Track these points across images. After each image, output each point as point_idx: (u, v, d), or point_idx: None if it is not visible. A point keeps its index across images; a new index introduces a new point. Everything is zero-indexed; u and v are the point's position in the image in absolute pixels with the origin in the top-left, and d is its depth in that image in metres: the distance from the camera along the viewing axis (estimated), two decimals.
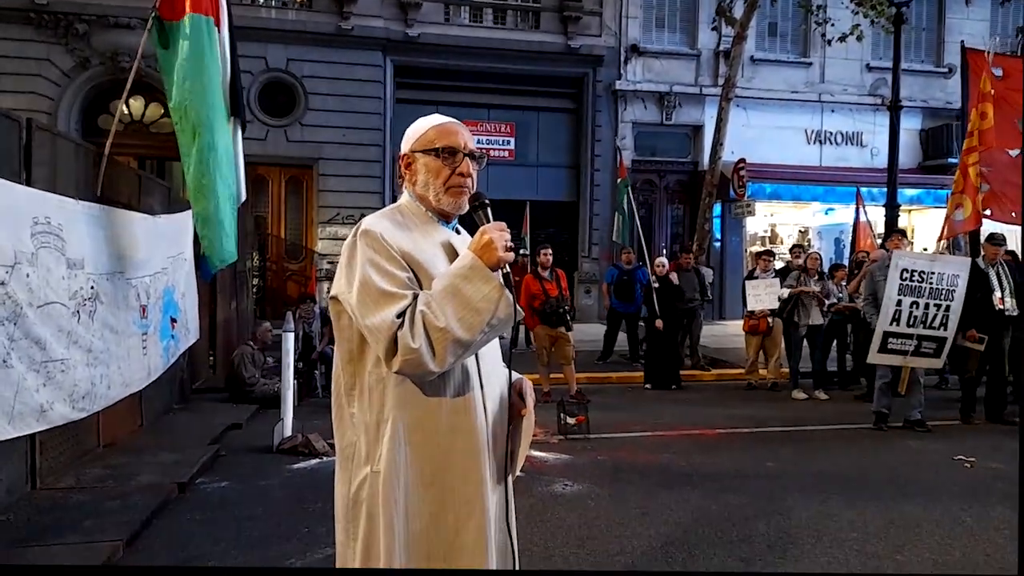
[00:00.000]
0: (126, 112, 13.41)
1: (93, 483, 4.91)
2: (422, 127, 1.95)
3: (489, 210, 1.89)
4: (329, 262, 13.52)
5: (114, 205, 5.47)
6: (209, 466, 5.51)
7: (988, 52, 8.41)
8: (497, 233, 1.77)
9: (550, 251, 8.55)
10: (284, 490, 5.06)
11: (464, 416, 1.85)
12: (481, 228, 1.82)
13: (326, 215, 14.16)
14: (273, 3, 14.54)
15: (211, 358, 8.79)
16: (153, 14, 5.47)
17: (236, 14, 12.81)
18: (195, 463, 5.37)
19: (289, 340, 6.17)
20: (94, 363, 4.99)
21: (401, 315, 1.68)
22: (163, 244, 6.45)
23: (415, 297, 1.72)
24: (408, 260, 1.78)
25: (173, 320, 6.68)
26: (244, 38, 12.99)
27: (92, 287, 5.02)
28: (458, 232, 2.02)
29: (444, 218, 1.96)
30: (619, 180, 13.63)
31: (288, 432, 5.96)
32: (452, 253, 1.89)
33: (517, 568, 2.00)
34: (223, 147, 5.59)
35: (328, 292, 2.08)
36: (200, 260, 6.28)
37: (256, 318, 10.95)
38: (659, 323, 9.35)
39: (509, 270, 1.78)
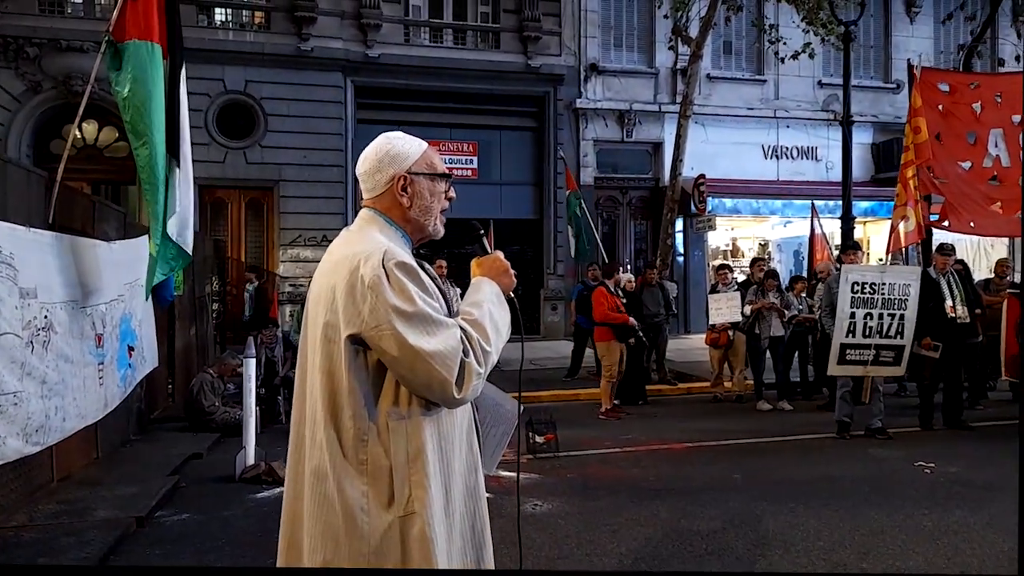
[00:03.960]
0: (79, 136, 13.12)
1: (47, 520, 4.74)
2: (415, 148, 1.92)
3: (485, 239, 2.04)
4: (291, 285, 13.35)
5: (67, 232, 5.33)
6: (169, 498, 5.36)
7: (917, 68, 8.72)
8: (506, 261, 1.95)
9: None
10: (247, 520, 4.94)
11: (470, 435, 1.90)
12: (495, 255, 1.96)
13: (288, 237, 14.01)
14: (231, 24, 14.44)
15: (170, 386, 8.58)
16: (106, 37, 5.38)
17: (193, 36, 12.83)
18: (154, 495, 5.22)
19: (251, 366, 6.06)
20: (49, 395, 4.83)
21: (461, 342, 1.73)
22: (119, 271, 6.30)
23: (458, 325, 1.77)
24: None
25: (130, 348, 6.51)
26: (202, 60, 12.94)
27: (46, 316, 4.87)
28: None
29: (416, 243, 1.95)
30: (568, 193, 13.54)
31: (250, 460, 5.84)
32: (431, 279, 1.88)
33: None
34: (162, 178, 5.49)
35: (290, 316, 2.03)
36: (158, 286, 6.14)
37: (216, 343, 10.74)
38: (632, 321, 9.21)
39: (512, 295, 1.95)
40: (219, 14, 14.43)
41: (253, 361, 6.14)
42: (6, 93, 12.73)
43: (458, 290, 2.13)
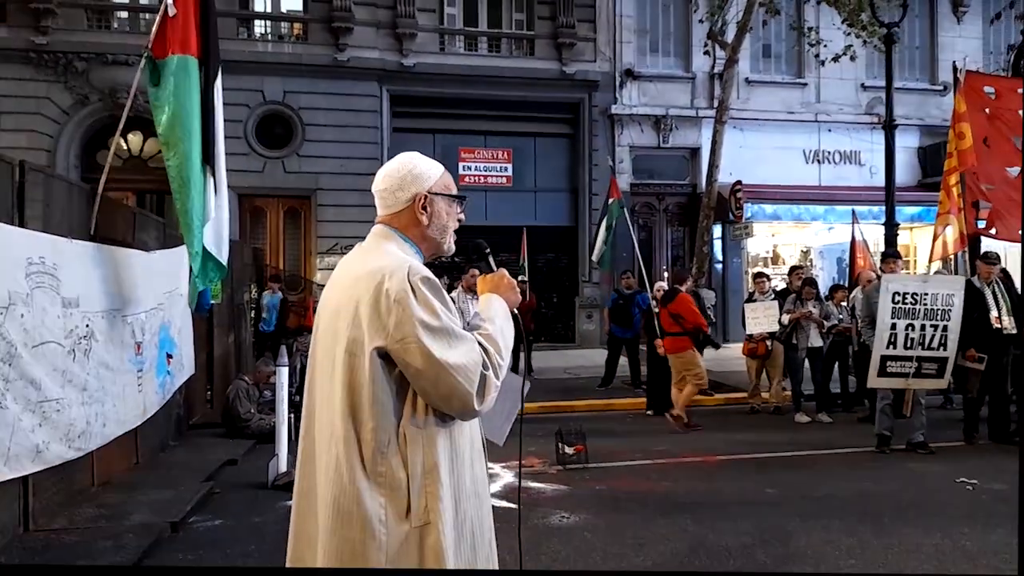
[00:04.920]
0: (125, 148, 13.54)
1: (86, 523, 4.87)
2: (434, 169, 1.99)
3: (491, 257, 2.12)
4: None
5: (109, 243, 5.49)
6: (203, 504, 5.47)
7: (960, 72, 8.48)
8: (512, 278, 2.04)
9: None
10: (278, 527, 5.00)
11: (478, 446, 1.95)
12: (500, 273, 2.05)
13: (325, 245, 14.23)
14: (269, 36, 14.76)
15: (208, 393, 8.75)
16: (146, 53, 5.54)
17: (233, 48, 13.12)
18: (189, 501, 5.33)
19: (283, 374, 6.16)
20: (89, 401, 4.99)
21: (481, 356, 1.79)
22: (158, 280, 6.47)
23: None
24: None
25: (169, 356, 6.67)
26: (241, 71, 13.24)
27: (87, 325, 5.03)
28: None
29: (427, 259, 2.00)
30: (610, 201, 13.29)
31: (283, 468, 5.92)
32: None
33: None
34: (197, 187, 5.62)
35: None
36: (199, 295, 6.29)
37: (255, 351, 10.93)
38: (659, 344, 9.21)
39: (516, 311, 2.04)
40: (258, 26, 14.78)
41: (286, 369, 6.23)
42: (55, 106, 13.19)
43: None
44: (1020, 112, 8.17)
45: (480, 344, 1.81)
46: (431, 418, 1.78)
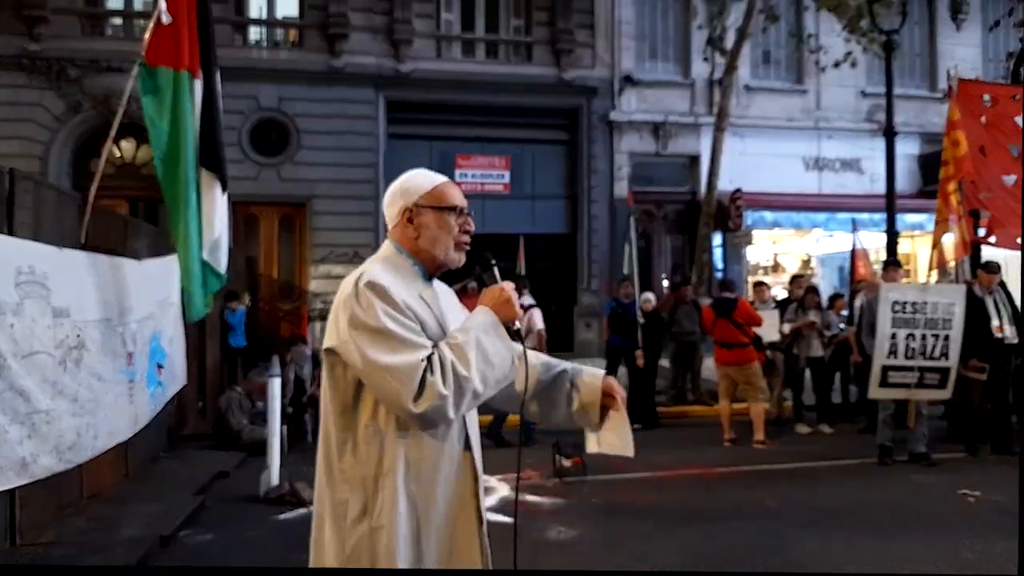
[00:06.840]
0: (117, 155, 13.46)
1: (75, 537, 4.81)
2: (424, 182, 2.00)
3: (496, 270, 2.05)
4: (323, 302, 13.40)
5: (100, 251, 5.42)
6: (194, 517, 5.39)
7: (953, 80, 8.45)
8: (514, 292, 1.97)
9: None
10: (269, 542, 4.93)
11: (463, 465, 1.92)
12: (499, 286, 1.98)
13: (319, 253, 14.10)
14: (264, 43, 14.70)
15: (200, 404, 8.66)
16: (139, 60, 5.49)
17: (228, 55, 13.04)
18: (179, 514, 5.26)
19: (275, 385, 6.07)
20: (80, 412, 4.90)
21: (426, 360, 1.75)
22: (150, 289, 6.39)
23: (434, 346, 1.81)
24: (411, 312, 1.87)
25: (159, 366, 6.59)
26: (236, 78, 13.13)
27: (78, 335, 4.95)
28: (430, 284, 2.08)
29: (433, 271, 2.02)
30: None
31: (274, 481, 5.84)
32: (428, 306, 1.94)
33: None
34: (194, 201, 5.58)
35: (320, 333, 2.09)
36: (186, 302, 6.22)
37: (227, 367, 10.77)
38: (639, 355, 9.08)
39: (519, 327, 1.96)
40: (253, 32, 14.69)
41: (278, 380, 6.15)
42: (48, 113, 13.10)
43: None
44: (1018, 119, 8.12)
45: (439, 350, 1.79)
46: (391, 424, 1.81)
